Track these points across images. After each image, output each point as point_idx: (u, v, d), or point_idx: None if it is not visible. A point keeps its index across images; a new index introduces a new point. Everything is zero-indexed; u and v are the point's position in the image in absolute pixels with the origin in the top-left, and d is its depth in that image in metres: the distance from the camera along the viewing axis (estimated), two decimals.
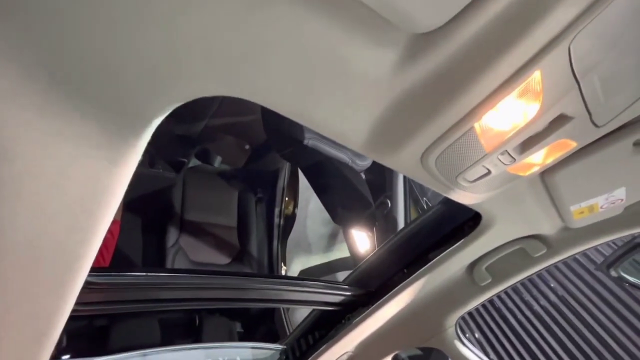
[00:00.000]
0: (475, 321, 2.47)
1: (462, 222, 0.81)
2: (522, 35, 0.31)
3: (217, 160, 1.92)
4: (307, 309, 1.18)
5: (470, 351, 0.98)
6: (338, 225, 2.21)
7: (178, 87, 0.34)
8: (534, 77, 0.33)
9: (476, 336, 2.42)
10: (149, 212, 1.79)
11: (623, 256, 0.78)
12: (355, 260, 1.84)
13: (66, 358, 1.16)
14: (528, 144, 0.42)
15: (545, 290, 2.32)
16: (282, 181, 2.10)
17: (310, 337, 1.14)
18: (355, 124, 0.40)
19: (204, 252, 1.85)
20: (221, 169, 2.08)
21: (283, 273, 2.05)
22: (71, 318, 0.49)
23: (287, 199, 2.12)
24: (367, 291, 1.00)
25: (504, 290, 0.89)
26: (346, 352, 1.09)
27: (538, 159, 0.47)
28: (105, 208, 0.40)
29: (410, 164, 0.45)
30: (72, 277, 0.44)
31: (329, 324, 1.08)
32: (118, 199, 0.41)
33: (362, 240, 1.74)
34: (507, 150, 0.42)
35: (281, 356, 1.19)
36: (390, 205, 1.61)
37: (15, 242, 0.38)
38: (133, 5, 0.28)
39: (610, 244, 0.80)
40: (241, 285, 0.79)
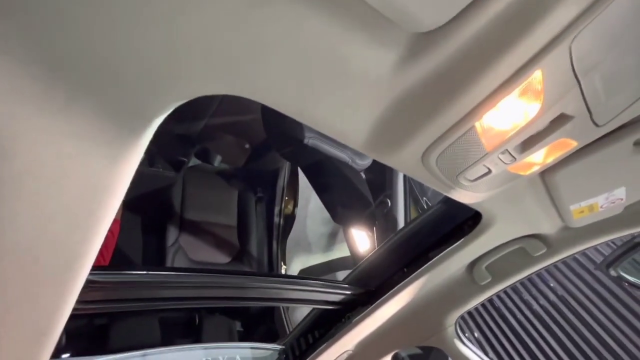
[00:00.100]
0: (475, 320, 2.47)
1: (462, 222, 0.81)
2: (523, 35, 0.31)
3: (217, 160, 1.92)
4: (307, 308, 1.18)
5: (470, 350, 0.98)
6: (338, 224, 2.21)
7: (179, 85, 0.34)
8: (535, 76, 0.33)
9: (475, 335, 2.42)
10: (148, 211, 1.79)
11: (622, 256, 0.79)
12: (355, 260, 1.84)
13: (66, 357, 1.16)
14: (528, 143, 0.42)
15: (545, 289, 2.32)
16: (282, 180, 2.10)
17: (310, 336, 1.15)
18: (356, 123, 0.40)
19: (204, 251, 1.85)
20: (221, 168, 2.08)
21: (283, 272, 2.05)
22: (72, 317, 0.49)
23: (287, 198, 2.12)
24: (367, 290, 1.00)
25: (504, 289, 0.89)
26: (346, 351, 1.09)
27: (538, 158, 0.47)
28: (106, 207, 0.40)
29: (411, 163, 0.45)
30: (73, 275, 0.44)
31: (329, 323, 1.08)
32: (119, 198, 0.41)
33: (362, 240, 1.74)
34: (507, 150, 0.42)
35: (281, 355, 1.19)
36: (390, 204, 1.61)
37: (15, 241, 0.38)
38: (133, 5, 0.28)
39: (610, 244, 0.80)
40: (241, 284, 0.79)
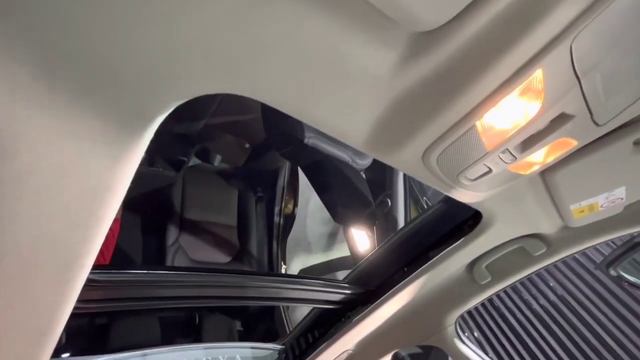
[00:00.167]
0: (475, 320, 2.47)
1: (462, 221, 0.81)
2: (524, 34, 0.31)
3: (217, 159, 1.92)
4: (307, 308, 1.18)
5: (469, 349, 0.98)
6: (338, 224, 2.21)
7: (179, 85, 0.34)
8: (536, 75, 0.33)
9: (475, 335, 2.43)
10: (149, 211, 1.79)
11: (622, 255, 0.79)
12: (355, 259, 1.84)
13: (66, 356, 1.15)
14: (529, 142, 0.42)
15: (545, 289, 2.32)
16: (282, 180, 2.10)
17: (310, 336, 1.15)
18: (356, 122, 0.40)
19: (204, 251, 1.85)
20: (221, 168, 2.08)
21: (283, 272, 2.05)
22: (72, 316, 0.49)
23: (287, 198, 2.12)
24: (367, 290, 1.01)
25: (504, 289, 0.89)
26: (346, 350, 1.09)
27: (539, 157, 0.47)
28: (107, 206, 0.40)
29: (412, 162, 0.45)
30: (74, 274, 0.44)
31: (329, 322, 1.08)
32: (120, 197, 0.41)
33: (362, 239, 1.74)
34: (508, 149, 0.42)
35: (281, 354, 1.19)
36: (390, 204, 1.61)
37: (16, 240, 0.38)
38: (133, 4, 0.28)
39: (610, 243, 0.80)
40: (242, 283, 0.79)
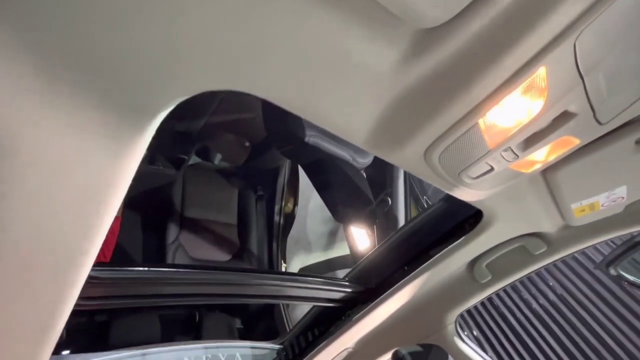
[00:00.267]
0: (474, 319, 2.48)
1: (463, 220, 0.81)
2: (528, 31, 0.31)
3: (217, 158, 1.92)
4: (307, 306, 1.18)
5: (469, 348, 0.98)
6: (338, 222, 2.21)
7: (182, 81, 0.34)
8: (539, 73, 0.33)
9: (475, 334, 2.43)
10: (149, 209, 1.79)
11: (622, 255, 0.79)
12: (355, 258, 1.84)
13: (66, 354, 1.16)
14: (531, 140, 0.42)
15: (544, 288, 2.33)
16: (283, 179, 2.10)
17: (310, 334, 1.15)
18: (358, 120, 0.40)
19: (204, 249, 1.85)
20: (221, 166, 2.08)
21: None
22: (72, 313, 0.49)
23: (287, 196, 2.12)
24: (368, 288, 1.01)
25: (504, 287, 0.89)
26: (346, 349, 1.10)
27: (541, 156, 0.47)
28: (108, 202, 0.40)
29: (414, 160, 0.45)
30: (76, 271, 0.44)
31: (329, 321, 1.09)
32: (122, 193, 0.41)
33: (362, 238, 1.74)
34: (510, 147, 0.42)
35: (281, 353, 1.19)
36: (390, 202, 1.61)
37: (18, 237, 0.38)
38: (135, 0, 0.28)
39: (609, 243, 0.80)
40: (242, 281, 0.79)
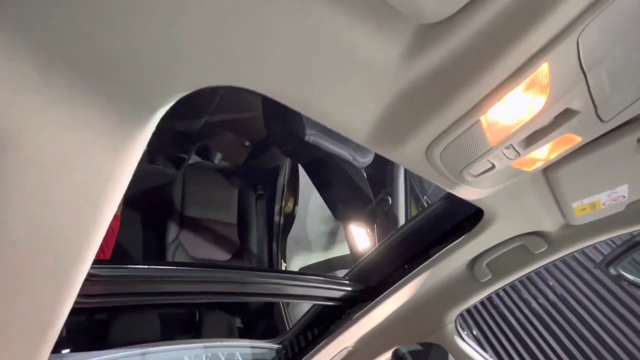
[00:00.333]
0: (474, 318, 2.48)
1: (463, 219, 0.81)
2: (531, 27, 0.30)
3: (217, 157, 1.92)
4: (307, 305, 1.18)
5: (470, 347, 0.98)
6: (339, 221, 2.21)
7: (183, 76, 0.34)
8: (542, 69, 0.33)
9: (474, 333, 2.43)
10: (149, 209, 1.79)
11: (623, 254, 0.79)
12: (355, 257, 1.84)
13: (66, 352, 1.15)
14: (533, 138, 0.42)
15: (544, 288, 2.33)
16: (283, 178, 2.10)
17: (310, 333, 1.15)
18: (360, 116, 0.39)
19: (204, 249, 1.85)
20: (221, 166, 2.08)
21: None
22: (72, 312, 0.49)
23: (288, 196, 2.12)
24: (368, 287, 1.01)
25: (504, 287, 0.89)
26: (346, 347, 1.10)
27: (542, 154, 0.47)
28: (109, 198, 0.40)
29: (415, 157, 0.45)
30: (76, 268, 0.44)
31: (329, 319, 1.09)
32: (122, 190, 0.41)
33: (362, 237, 1.74)
34: (512, 145, 0.42)
35: (281, 351, 1.19)
36: (390, 202, 1.61)
37: (19, 232, 0.38)
38: None
39: (609, 242, 0.80)
40: (242, 279, 0.79)
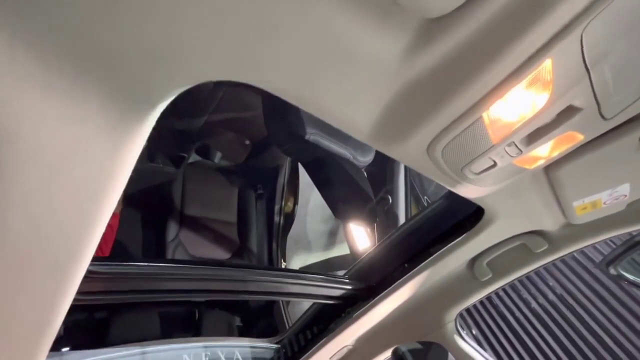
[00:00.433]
0: (473, 318, 2.48)
1: (463, 217, 0.81)
2: (534, 22, 0.30)
3: (217, 156, 1.92)
4: (307, 304, 1.18)
5: (469, 346, 0.98)
6: (339, 220, 2.21)
7: (183, 71, 0.33)
8: (545, 65, 0.33)
9: (474, 333, 2.43)
10: (149, 207, 1.79)
11: (623, 254, 0.79)
12: (354, 257, 1.84)
13: (66, 350, 1.15)
14: (535, 135, 0.41)
15: (544, 288, 2.33)
16: (283, 178, 2.10)
17: (310, 331, 1.15)
18: (361, 112, 0.39)
19: (204, 247, 1.85)
20: (221, 165, 2.08)
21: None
22: (72, 309, 0.48)
23: (288, 195, 2.12)
24: (368, 285, 1.00)
25: (504, 286, 0.89)
26: (346, 346, 1.09)
27: (544, 152, 0.47)
28: (108, 193, 0.40)
29: (417, 154, 0.44)
30: (75, 264, 0.43)
31: (329, 318, 1.08)
32: (121, 185, 0.40)
33: (362, 236, 1.74)
34: (514, 142, 0.41)
35: (280, 350, 1.19)
36: (391, 200, 1.61)
37: (16, 227, 0.38)
38: None
39: (609, 242, 0.80)
40: (242, 277, 0.79)
